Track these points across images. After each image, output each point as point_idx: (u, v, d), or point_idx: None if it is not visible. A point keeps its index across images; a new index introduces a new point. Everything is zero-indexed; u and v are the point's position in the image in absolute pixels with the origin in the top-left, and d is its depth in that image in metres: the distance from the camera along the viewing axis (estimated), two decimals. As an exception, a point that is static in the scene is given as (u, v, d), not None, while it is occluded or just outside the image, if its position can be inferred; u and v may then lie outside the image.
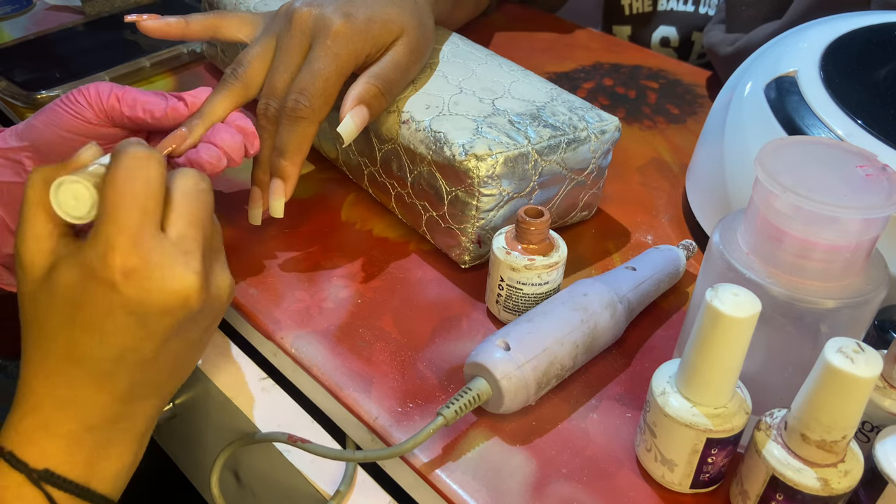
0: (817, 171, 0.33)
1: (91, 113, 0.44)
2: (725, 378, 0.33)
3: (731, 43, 0.65)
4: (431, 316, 0.45)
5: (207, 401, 0.47)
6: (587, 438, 0.39)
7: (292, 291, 0.47)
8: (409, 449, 0.36)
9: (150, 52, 0.67)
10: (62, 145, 0.44)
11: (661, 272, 0.45)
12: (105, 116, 0.44)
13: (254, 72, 0.46)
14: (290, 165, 0.45)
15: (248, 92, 0.46)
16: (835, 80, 0.44)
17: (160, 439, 0.61)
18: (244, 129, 0.45)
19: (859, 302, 0.33)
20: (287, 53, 0.46)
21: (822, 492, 0.31)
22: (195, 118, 0.45)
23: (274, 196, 0.46)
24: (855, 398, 0.30)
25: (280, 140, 0.45)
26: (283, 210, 0.46)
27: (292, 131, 0.45)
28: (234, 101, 0.46)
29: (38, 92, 0.62)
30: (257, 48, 0.47)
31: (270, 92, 0.46)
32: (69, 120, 0.44)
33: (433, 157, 0.45)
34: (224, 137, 0.44)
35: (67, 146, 0.44)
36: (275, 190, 0.46)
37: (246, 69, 0.46)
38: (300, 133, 0.45)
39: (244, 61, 0.46)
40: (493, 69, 0.52)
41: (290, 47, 0.46)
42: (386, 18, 0.47)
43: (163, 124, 0.45)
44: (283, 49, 0.46)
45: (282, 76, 0.46)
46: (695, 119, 0.65)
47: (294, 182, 0.46)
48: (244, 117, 0.46)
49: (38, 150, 0.44)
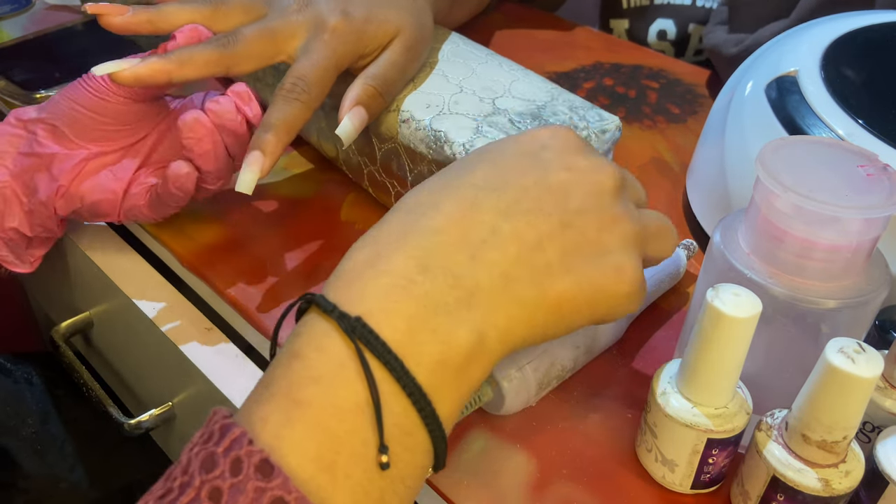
0: (818, 171, 0.33)
1: (106, 89, 0.44)
2: (726, 378, 0.33)
3: (735, 43, 0.65)
4: (431, 316, 0.45)
5: (207, 401, 0.47)
6: (587, 439, 0.39)
7: (292, 291, 0.46)
8: (408, 449, 0.36)
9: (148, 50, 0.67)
10: (78, 121, 0.44)
11: (662, 272, 0.45)
12: (123, 91, 0.44)
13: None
14: (276, 141, 0.42)
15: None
16: (836, 79, 0.44)
17: (160, 439, 0.61)
18: (239, 92, 0.44)
19: (860, 302, 0.33)
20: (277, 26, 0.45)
21: (822, 492, 0.31)
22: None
23: (248, 166, 0.42)
24: (856, 398, 0.30)
25: (270, 115, 0.43)
26: (253, 187, 0.42)
27: (285, 109, 0.43)
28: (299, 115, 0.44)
29: (37, 91, 0.62)
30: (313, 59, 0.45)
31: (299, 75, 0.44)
32: (88, 97, 0.44)
33: (433, 156, 0.45)
34: (214, 98, 0.44)
35: (83, 123, 0.44)
36: (250, 160, 0.42)
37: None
38: (292, 113, 0.43)
39: (303, 75, 0.44)
40: (493, 68, 0.52)
41: (281, 25, 0.45)
42: (383, 18, 0.47)
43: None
44: (321, 54, 0.45)
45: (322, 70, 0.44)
46: (695, 119, 0.65)
47: (273, 161, 0.42)
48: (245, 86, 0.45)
49: (53, 122, 0.45)
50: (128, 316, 0.52)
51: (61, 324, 0.57)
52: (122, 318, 0.53)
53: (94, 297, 0.56)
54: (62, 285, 0.60)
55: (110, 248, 0.54)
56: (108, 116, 0.45)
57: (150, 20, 0.44)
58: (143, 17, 0.44)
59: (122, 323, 0.54)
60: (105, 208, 0.46)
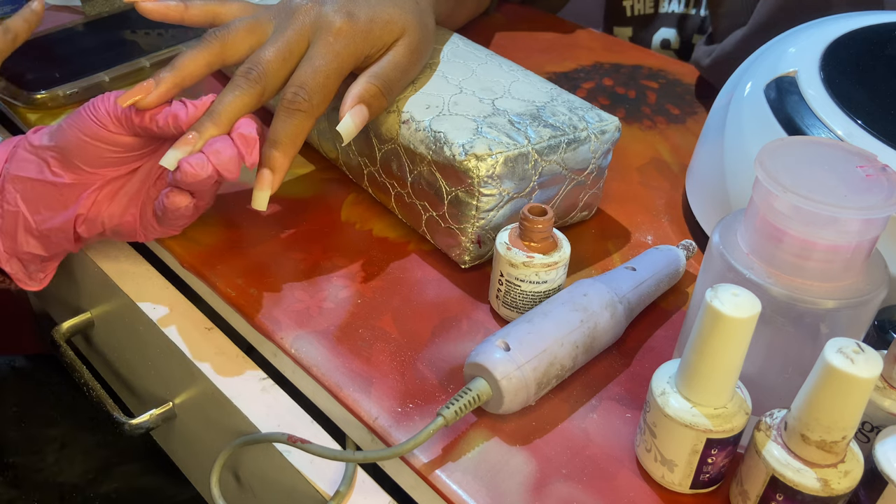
0: (817, 172, 0.33)
1: (108, 120, 0.44)
2: (725, 378, 0.33)
3: (708, 55, 0.67)
4: (431, 316, 0.45)
5: (207, 401, 0.47)
6: (587, 439, 0.39)
7: (292, 291, 0.47)
8: (408, 449, 0.36)
9: (149, 53, 0.67)
10: (83, 149, 0.44)
11: (661, 272, 0.45)
12: (120, 125, 0.44)
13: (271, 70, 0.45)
14: (282, 157, 0.43)
15: (264, 93, 0.44)
16: (835, 80, 0.44)
17: (160, 439, 0.61)
18: (245, 136, 0.43)
19: (859, 302, 0.33)
20: (286, 43, 0.45)
21: (822, 492, 0.31)
22: (206, 118, 0.43)
23: (259, 186, 0.43)
24: (855, 398, 0.30)
25: (275, 130, 0.44)
26: (267, 203, 0.43)
27: (288, 122, 0.44)
28: (247, 102, 0.44)
29: (37, 92, 0.62)
30: (271, 49, 0.45)
31: (257, 62, 0.44)
32: (90, 125, 0.44)
33: (433, 156, 0.45)
34: (216, 147, 0.42)
35: (88, 151, 0.44)
36: (261, 180, 0.43)
37: (262, 69, 0.44)
38: (296, 125, 0.44)
39: (260, 61, 0.44)
40: (493, 69, 0.52)
41: (290, 38, 0.45)
42: (387, 19, 0.47)
43: (166, 133, 0.44)
44: (283, 38, 0.45)
45: (276, 60, 0.44)
46: (695, 119, 0.65)
47: (282, 175, 0.44)
48: (250, 123, 0.44)
49: (62, 151, 0.45)
50: (129, 316, 0.52)
51: (62, 324, 0.57)
52: (122, 318, 0.53)
53: (96, 297, 0.57)
54: (63, 286, 0.61)
55: (111, 248, 0.54)
56: (113, 144, 0.45)
57: (175, 84, 0.44)
58: (169, 83, 0.43)
59: (123, 323, 0.54)
60: (126, 230, 0.47)
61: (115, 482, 0.65)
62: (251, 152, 0.43)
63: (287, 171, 0.44)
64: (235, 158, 0.42)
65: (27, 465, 0.64)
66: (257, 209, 0.43)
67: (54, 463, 0.65)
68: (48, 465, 0.65)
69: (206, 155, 0.41)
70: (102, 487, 0.65)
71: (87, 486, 0.65)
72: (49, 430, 0.67)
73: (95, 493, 0.64)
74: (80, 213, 0.46)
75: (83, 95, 0.63)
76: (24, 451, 0.65)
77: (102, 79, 0.64)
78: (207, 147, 0.42)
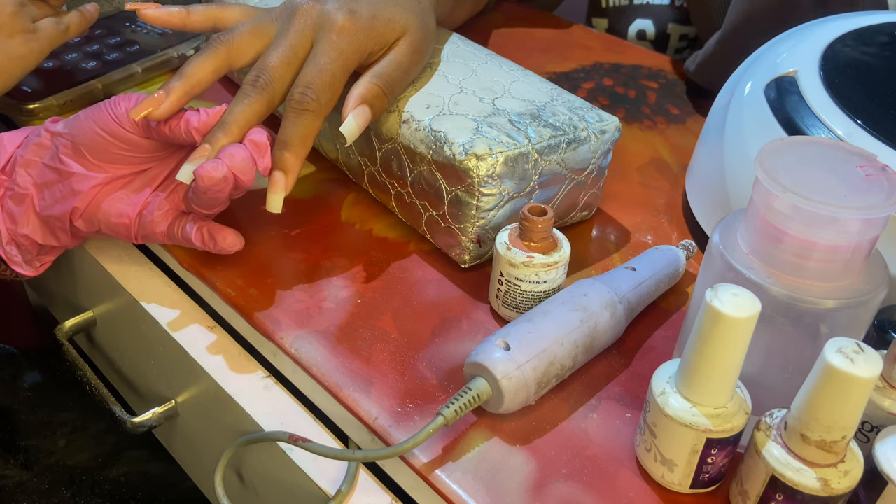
0: (817, 172, 0.33)
1: (126, 120, 0.44)
2: (725, 378, 0.33)
3: (693, 60, 0.68)
4: (431, 316, 0.45)
5: (210, 399, 0.47)
6: (587, 438, 0.39)
7: (292, 291, 0.47)
8: (408, 449, 0.36)
9: (140, 59, 0.67)
10: (95, 142, 0.45)
11: (661, 272, 0.46)
12: (136, 126, 0.44)
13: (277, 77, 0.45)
14: (293, 158, 0.44)
15: (272, 101, 0.45)
16: (835, 80, 0.44)
17: (162, 437, 0.61)
18: (256, 142, 0.43)
19: (859, 302, 0.33)
20: (290, 46, 0.45)
21: (821, 492, 0.32)
22: (217, 130, 0.43)
23: (273, 188, 0.43)
24: (855, 398, 0.30)
25: (284, 132, 0.44)
26: (282, 205, 0.44)
27: (298, 123, 0.44)
28: (256, 111, 0.44)
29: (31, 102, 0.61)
30: (276, 54, 0.45)
31: (263, 68, 0.44)
32: (107, 121, 0.44)
33: (433, 156, 0.45)
34: (230, 151, 0.42)
35: (99, 144, 0.45)
36: (274, 183, 0.44)
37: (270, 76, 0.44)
38: (305, 125, 0.44)
39: (266, 68, 0.45)
40: (493, 69, 0.52)
41: (293, 40, 0.45)
42: (389, 17, 0.47)
43: (176, 135, 0.44)
44: (287, 41, 0.45)
45: (282, 65, 0.45)
46: (695, 119, 0.65)
47: (295, 176, 0.44)
48: (261, 131, 0.44)
49: (75, 141, 0.45)
50: (131, 315, 0.52)
51: (65, 322, 0.58)
52: (125, 316, 0.53)
53: (98, 296, 0.57)
54: (66, 284, 0.61)
55: (114, 247, 0.54)
56: (126, 143, 0.45)
57: (185, 93, 0.44)
58: (179, 93, 0.44)
59: (126, 322, 0.54)
60: (121, 230, 0.47)
61: (123, 467, 0.66)
62: (263, 156, 0.44)
63: (299, 171, 0.44)
64: (249, 160, 0.43)
65: (39, 448, 0.65)
66: (272, 211, 0.44)
67: (65, 447, 0.66)
68: (59, 448, 0.66)
69: (220, 157, 0.42)
70: (111, 472, 0.65)
71: (96, 469, 0.65)
72: (61, 414, 0.68)
73: (104, 477, 0.65)
74: (78, 206, 0.46)
75: (78, 104, 0.63)
76: (36, 435, 0.66)
77: (95, 86, 0.64)
78: (221, 152, 0.43)
